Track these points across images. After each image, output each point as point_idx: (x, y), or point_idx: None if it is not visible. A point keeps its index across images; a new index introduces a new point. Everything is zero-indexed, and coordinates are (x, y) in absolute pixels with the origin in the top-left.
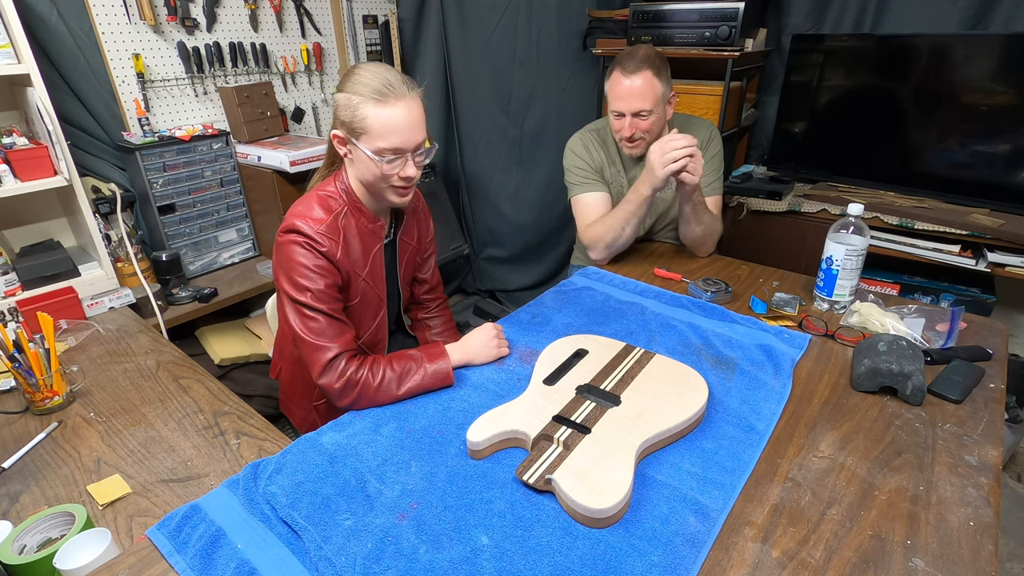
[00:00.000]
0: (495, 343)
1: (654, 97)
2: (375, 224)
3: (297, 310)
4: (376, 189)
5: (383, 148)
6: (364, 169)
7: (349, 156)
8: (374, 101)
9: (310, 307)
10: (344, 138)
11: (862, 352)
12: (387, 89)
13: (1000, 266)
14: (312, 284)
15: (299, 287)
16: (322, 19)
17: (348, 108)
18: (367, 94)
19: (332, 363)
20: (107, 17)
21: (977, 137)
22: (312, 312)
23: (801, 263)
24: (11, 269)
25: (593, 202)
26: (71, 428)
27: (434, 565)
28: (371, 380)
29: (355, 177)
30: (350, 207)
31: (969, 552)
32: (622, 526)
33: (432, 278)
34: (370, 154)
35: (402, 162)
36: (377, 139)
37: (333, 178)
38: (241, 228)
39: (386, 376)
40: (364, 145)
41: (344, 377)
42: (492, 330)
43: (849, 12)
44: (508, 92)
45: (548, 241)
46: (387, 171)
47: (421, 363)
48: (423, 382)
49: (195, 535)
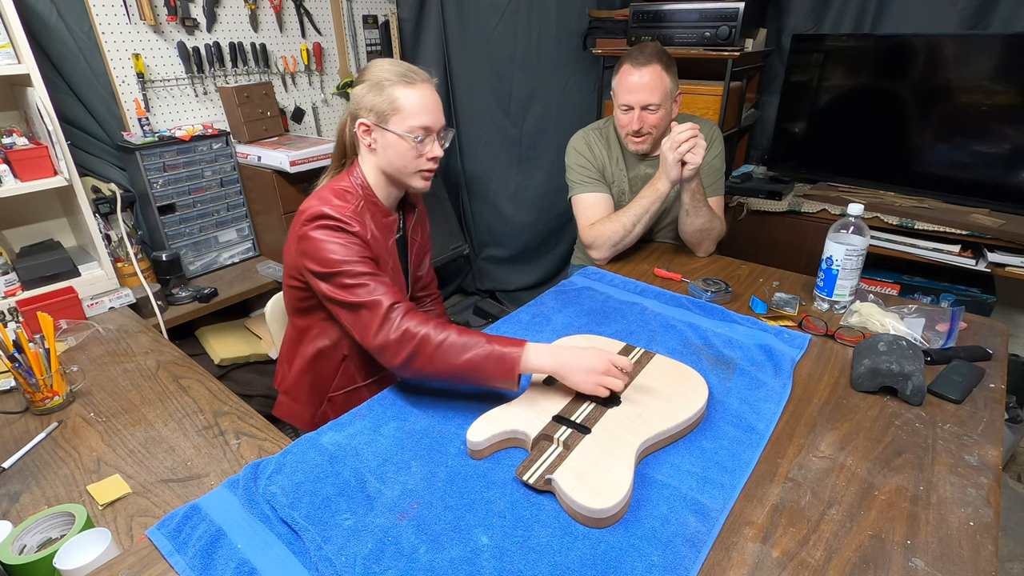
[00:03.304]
0: (598, 378)
1: (663, 91)
2: (388, 218)
3: (339, 284)
4: (403, 175)
5: (415, 126)
6: (393, 154)
7: (373, 146)
8: (403, 83)
9: (351, 274)
10: (371, 126)
11: (862, 352)
12: (412, 74)
13: (1000, 266)
14: (350, 255)
15: (334, 263)
16: (322, 19)
17: (376, 92)
18: (395, 78)
19: (388, 315)
20: (107, 17)
21: (977, 137)
22: (354, 280)
23: (801, 263)
24: (11, 269)
25: (594, 202)
26: (71, 428)
27: (434, 565)
28: (432, 337)
29: (375, 168)
30: (366, 201)
31: (969, 552)
32: (622, 526)
33: (428, 275)
34: (403, 133)
35: (431, 141)
36: (409, 118)
37: (346, 174)
38: (241, 228)
39: (449, 339)
40: (395, 126)
41: (401, 329)
42: (606, 362)
43: (849, 12)
44: (508, 92)
45: (548, 241)
46: (420, 150)
47: (491, 342)
48: (486, 363)
49: (195, 535)
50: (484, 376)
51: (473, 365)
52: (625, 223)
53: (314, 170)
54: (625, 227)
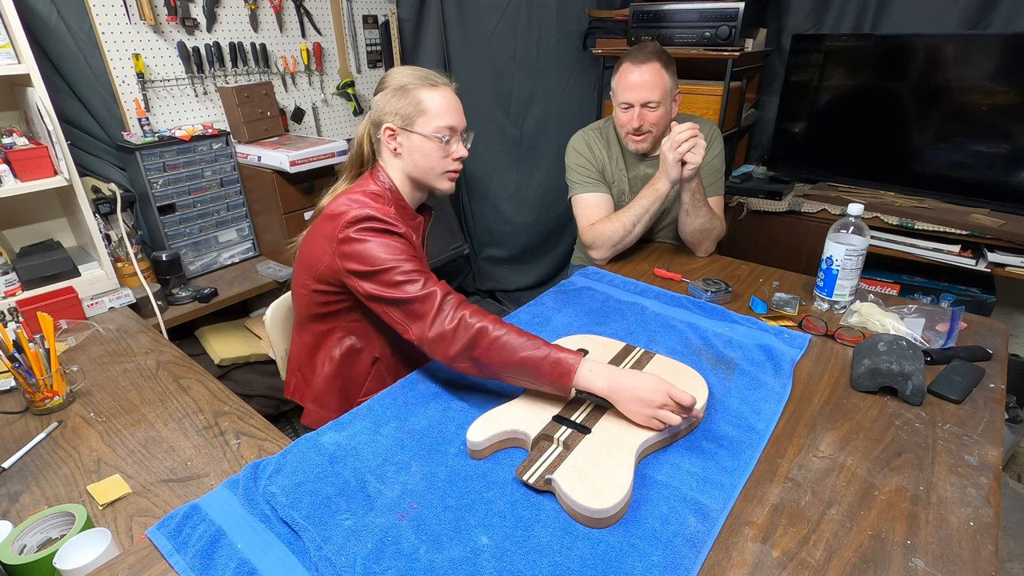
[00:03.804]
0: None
1: (663, 88)
2: (415, 220)
3: (389, 281)
4: (428, 178)
5: (442, 127)
6: (419, 156)
7: (398, 150)
8: (428, 86)
9: (403, 272)
10: (397, 129)
11: (862, 352)
12: (433, 77)
13: (1000, 266)
14: (399, 254)
15: (385, 261)
16: (322, 19)
17: (400, 96)
18: (418, 81)
19: (442, 306)
20: (107, 17)
21: (977, 137)
22: (407, 275)
23: (801, 263)
24: (11, 269)
25: (594, 202)
26: (71, 428)
27: (434, 565)
28: (490, 331)
29: (400, 172)
30: (396, 204)
31: (969, 552)
32: (622, 526)
33: None
34: (431, 134)
35: (456, 141)
36: (435, 119)
37: (370, 178)
38: (241, 228)
39: (509, 336)
40: (422, 128)
41: (457, 319)
42: (664, 395)
43: (849, 12)
44: (508, 92)
45: (548, 241)
46: (446, 151)
47: (550, 347)
48: (542, 364)
49: (195, 535)
50: (538, 376)
51: (531, 364)
52: (625, 223)
53: (314, 170)
54: (625, 227)
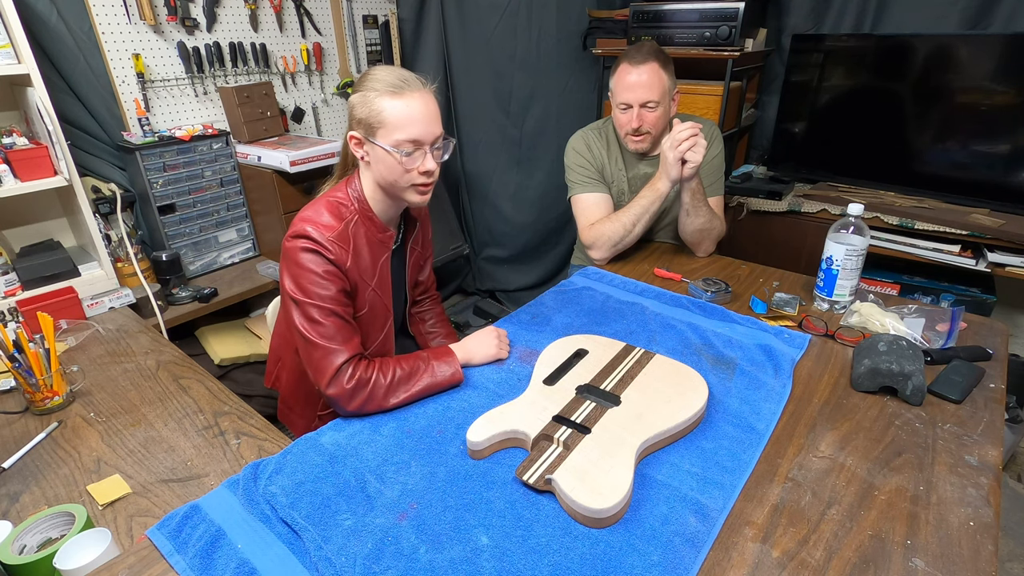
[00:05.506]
0: (495, 343)
1: (661, 88)
2: (384, 234)
3: (305, 315)
4: (396, 190)
5: (401, 140)
6: (383, 168)
7: (366, 159)
8: (390, 94)
9: (319, 310)
10: (361, 138)
11: (862, 352)
12: (402, 83)
13: (1000, 266)
14: (321, 289)
15: (307, 292)
16: (322, 19)
17: (364, 104)
18: (383, 88)
19: (342, 368)
20: (107, 17)
21: (977, 137)
22: (321, 317)
23: (801, 263)
24: (11, 269)
25: (594, 202)
26: (71, 428)
27: (434, 565)
28: (381, 380)
29: (371, 181)
30: (360, 215)
31: (969, 552)
32: (622, 526)
33: (428, 279)
34: (389, 148)
35: (421, 155)
36: (395, 131)
37: (344, 184)
38: (241, 228)
39: (396, 375)
40: (382, 140)
41: (354, 379)
42: (493, 331)
43: (849, 12)
44: (508, 92)
45: (548, 241)
46: (407, 165)
47: (428, 362)
48: (433, 381)
49: (195, 535)
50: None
51: (424, 390)
52: (625, 223)
53: (314, 170)
54: (625, 227)
